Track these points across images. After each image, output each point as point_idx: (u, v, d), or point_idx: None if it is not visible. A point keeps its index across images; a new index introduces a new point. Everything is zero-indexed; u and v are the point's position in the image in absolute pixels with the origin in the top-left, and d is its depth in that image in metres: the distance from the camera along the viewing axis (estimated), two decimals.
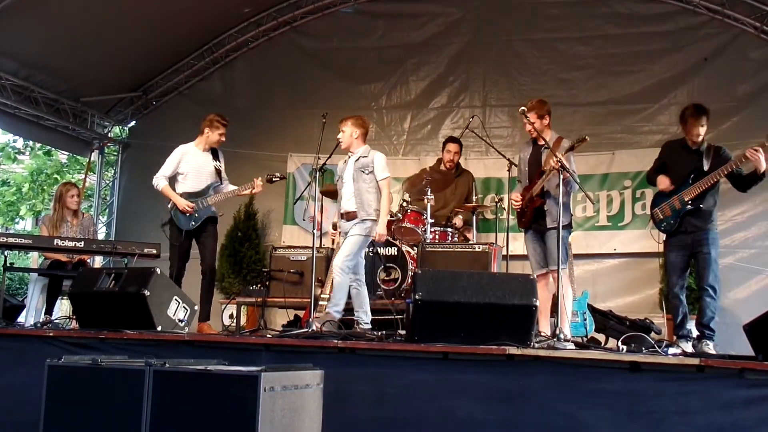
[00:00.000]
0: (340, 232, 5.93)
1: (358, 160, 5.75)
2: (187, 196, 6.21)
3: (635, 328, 6.49)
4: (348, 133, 5.77)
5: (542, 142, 5.65)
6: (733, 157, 5.50)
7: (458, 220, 7.43)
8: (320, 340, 4.61)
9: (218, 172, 6.36)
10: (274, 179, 6.34)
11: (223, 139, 6.39)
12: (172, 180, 6.30)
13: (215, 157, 6.40)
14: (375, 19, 9.33)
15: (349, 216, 5.74)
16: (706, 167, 5.48)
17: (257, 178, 6.29)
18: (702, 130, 5.60)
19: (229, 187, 6.41)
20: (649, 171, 6.01)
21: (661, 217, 5.70)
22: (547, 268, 5.63)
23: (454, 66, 8.99)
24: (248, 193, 6.43)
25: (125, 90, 9.93)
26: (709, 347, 5.33)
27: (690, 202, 5.50)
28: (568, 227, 5.77)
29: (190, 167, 6.28)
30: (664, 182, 5.70)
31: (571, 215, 5.91)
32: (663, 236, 5.81)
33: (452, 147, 7.61)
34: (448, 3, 9.08)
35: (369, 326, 5.70)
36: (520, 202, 5.77)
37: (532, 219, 5.73)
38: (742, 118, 7.71)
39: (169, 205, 6.25)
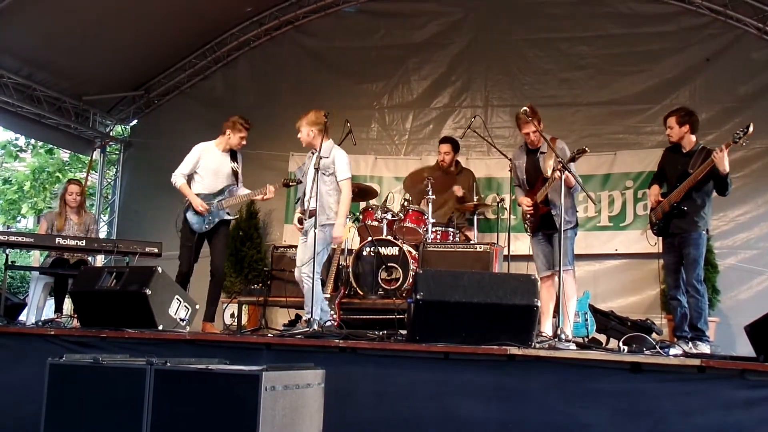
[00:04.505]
0: (301, 229, 5.84)
1: (320, 159, 5.55)
2: (203, 196, 6.12)
3: (636, 328, 6.50)
4: (305, 132, 5.68)
5: (537, 147, 5.68)
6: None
7: (458, 190, 7.41)
8: (321, 339, 4.61)
9: (235, 174, 6.28)
10: (290, 184, 6.27)
11: (244, 142, 6.30)
12: (188, 179, 6.22)
13: (233, 158, 6.32)
14: (377, 19, 9.32)
15: (311, 214, 5.56)
16: (691, 169, 5.52)
17: (267, 186, 6.12)
18: (669, 131, 5.78)
19: (243, 191, 6.30)
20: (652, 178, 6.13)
21: (654, 220, 5.83)
22: (553, 270, 5.63)
23: (456, 65, 8.99)
24: (260, 198, 6.24)
25: (127, 89, 9.94)
26: (700, 348, 5.34)
27: (675, 204, 5.56)
28: (575, 227, 5.78)
29: (208, 168, 6.20)
30: (651, 197, 5.89)
31: (576, 211, 5.94)
32: (657, 239, 5.87)
33: (443, 147, 7.65)
34: (450, 2, 9.08)
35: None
36: (531, 207, 5.76)
37: (540, 224, 5.74)
38: (744, 118, 7.67)
39: (185, 206, 6.18)
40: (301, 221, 5.89)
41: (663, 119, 5.92)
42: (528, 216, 5.84)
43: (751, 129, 5.22)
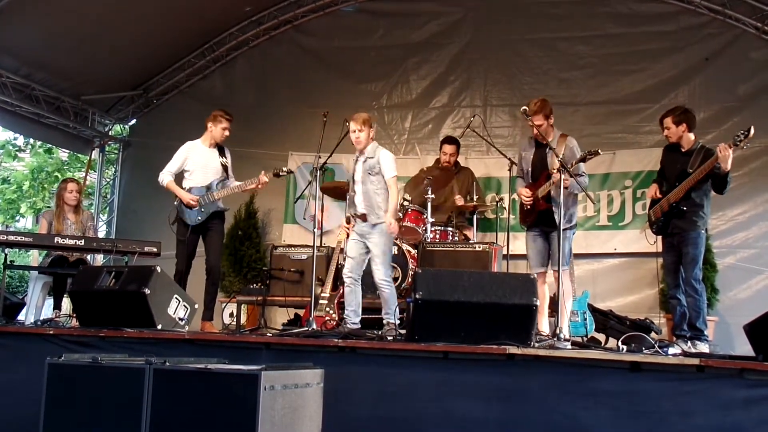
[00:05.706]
0: (352, 227, 5.87)
1: (366, 161, 5.68)
2: (194, 191, 6.23)
3: (635, 327, 6.49)
4: (366, 134, 5.68)
5: (546, 142, 5.66)
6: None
7: (459, 200, 7.39)
8: (320, 339, 4.61)
9: (225, 168, 6.37)
10: (281, 173, 6.34)
11: (227, 133, 6.39)
12: (179, 176, 6.31)
13: (222, 153, 6.41)
14: (376, 18, 9.32)
15: (362, 218, 5.67)
16: (691, 168, 5.51)
17: (263, 173, 6.26)
18: (667, 132, 5.74)
19: (235, 182, 6.41)
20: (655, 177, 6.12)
21: (653, 219, 5.82)
22: (548, 268, 5.63)
23: (455, 65, 8.98)
24: (253, 187, 6.37)
25: (126, 88, 9.93)
26: (699, 347, 5.34)
27: (674, 203, 5.55)
28: (573, 227, 5.78)
29: (196, 164, 6.29)
30: (650, 191, 5.89)
31: (574, 213, 5.93)
32: (657, 237, 5.87)
33: (448, 149, 7.62)
34: (449, 2, 9.07)
35: (357, 326, 5.65)
36: (531, 197, 5.75)
37: (537, 220, 5.73)
38: (742, 118, 7.69)
39: (176, 201, 6.26)
40: (348, 220, 5.97)
41: (659, 120, 5.90)
42: (525, 208, 5.82)
43: (752, 132, 5.19)
